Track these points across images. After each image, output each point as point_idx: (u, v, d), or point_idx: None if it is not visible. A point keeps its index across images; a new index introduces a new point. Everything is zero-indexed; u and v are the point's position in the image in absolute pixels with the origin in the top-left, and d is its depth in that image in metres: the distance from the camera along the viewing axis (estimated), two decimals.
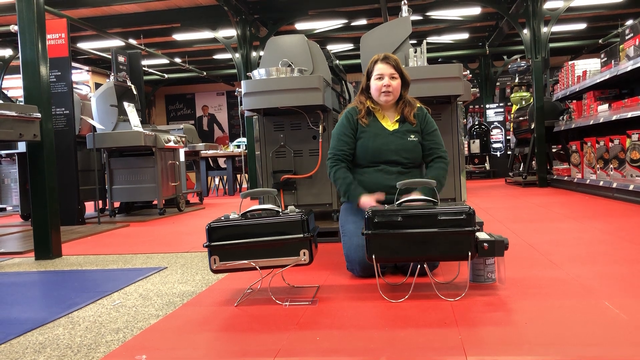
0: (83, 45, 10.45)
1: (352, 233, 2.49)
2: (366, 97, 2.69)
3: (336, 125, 2.70)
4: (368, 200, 2.47)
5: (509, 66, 10.86)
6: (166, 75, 13.72)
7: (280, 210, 2.21)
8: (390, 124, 2.65)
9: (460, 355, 1.49)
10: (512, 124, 9.78)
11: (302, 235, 2.11)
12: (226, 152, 9.70)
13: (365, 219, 2.12)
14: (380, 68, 2.59)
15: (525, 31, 8.13)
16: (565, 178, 7.15)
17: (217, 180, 11.00)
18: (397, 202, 2.19)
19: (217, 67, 14.73)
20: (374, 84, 2.61)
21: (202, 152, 8.54)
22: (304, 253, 2.12)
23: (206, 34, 10.13)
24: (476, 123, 11.98)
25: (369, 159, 2.61)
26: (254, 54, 9.11)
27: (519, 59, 11.44)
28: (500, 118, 12.40)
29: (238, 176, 10.57)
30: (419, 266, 2.20)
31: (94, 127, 5.63)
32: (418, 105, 2.69)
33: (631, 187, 4.98)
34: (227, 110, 17.05)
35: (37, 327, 1.99)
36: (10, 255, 3.81)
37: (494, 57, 13.56)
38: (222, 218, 2.20)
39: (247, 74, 3.76)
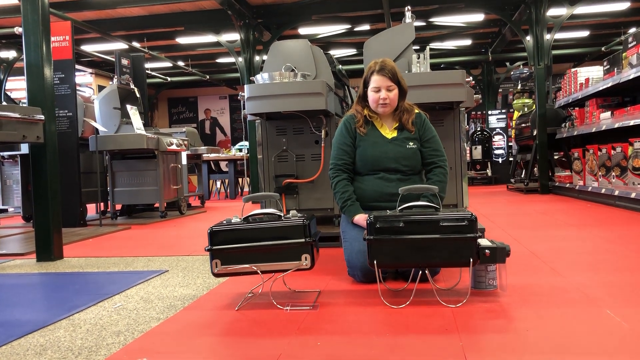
0: (87, 48, 10.48)
1: (354, 238, 2.49)
2: (363, 106, 2.68)
3: (335, 134, 2.71)
4: (362, 219, 2.48)
5: (512, 73, 10.88)
6: (169, 79, 13.75)
7: (282, 214, 2.21)
8: (388, 131, 2.64)
9: None
10: (514, 131, 9.78)
11: (303, 240, 2.11)
12: (228, 156, 9.72)
13: (367, 224, 2.12)
14: (376, 80, 2.56)
15: (528, 38, 8.14)
16: (567, 185, 7.14)
17: (218, 183, 11.02)
18: (399, 208, 2.19)
19: (220, 71, 14.76)
20: (371, 95, 2.60)
21: (204, 155, 8.55)
22: (306, 258, 2.11)
23: (209, 38, 10.15)
24: (478, 129, 11.98)
25: (369, 167, 2.61)
26: (257, 58, 9.13)
27: (521, 66, 11.46)
28: (503, 124, 12.41)
29: (240, 180, 10.58)
30: (420, 272, 2.20)
31: (97, 130, 5.64)
32: (416, 111, 2.68)
33: (633, 195, 4.97)
34: (230, 113, 17.08)
35: (38, 329, 1.99)
36: (11, 256, 3.82)
37: (496, 64, 13.57)
38: (224, 222, 2.20)
39: (250, 78, 3.77)
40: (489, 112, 12.71)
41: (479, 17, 10.00)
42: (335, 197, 2.65)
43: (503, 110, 12.76)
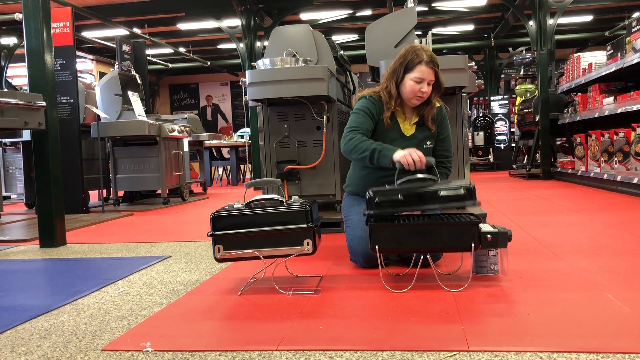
0: (87, 34, 10.44)
1: (356, 224, 2.49)
2: (397, 93, 2.48)
3: (358, 105, 2.54)
4: (404, 152, 2.27)
5: (514, 58, 10.80)
6: (170, 65, 13.70)
7: (284, 200, 2.22)
8: (408, 127, 2.55)
9: (462, 346, 1.49)
10: (516, 116, 9.75)
11: (305, 225, 2.12)
12: (230, 142, 9.71)
13: (366, 199, 2.15)
14: (424, 71, 2.39)
15: (531, 23, 8.08)
16: (569, 171, 7.13)
17: (220, 170, 11.02)
18: (397, 182, 2.21)
19: (221, 57, 14.69)
20: (410, 84, 2.41)
21: (205, 142, 8.54)
22: (308, 243, 2.12)
23: (210, 24, 10.10)
24: (480, 115, 11.94)
25: None
26: (258, 43, 9.09)
27: (524, 51, 11.38)
28: (505, 110, 12.35)
29: (241, 166, 10.58)
30: (422, 257, 2.21)
31: (99, 116, 5.63)
32: (438, 105, 2.57)
33: (635, 180, 4.96)
34: (231, 100, 17.04)
35: (43, 313, 2.01)
36: (15, 242, 3.84)
37: (499, 49, 13.48)
38: (227, 207, 2.21)
39: (252, 63, 3.75)
40: (491, 98, 12.65)
41: (481, 1, 9.93)
42: (359, 150, 2.38)
43: (505, 96, 12.70)
